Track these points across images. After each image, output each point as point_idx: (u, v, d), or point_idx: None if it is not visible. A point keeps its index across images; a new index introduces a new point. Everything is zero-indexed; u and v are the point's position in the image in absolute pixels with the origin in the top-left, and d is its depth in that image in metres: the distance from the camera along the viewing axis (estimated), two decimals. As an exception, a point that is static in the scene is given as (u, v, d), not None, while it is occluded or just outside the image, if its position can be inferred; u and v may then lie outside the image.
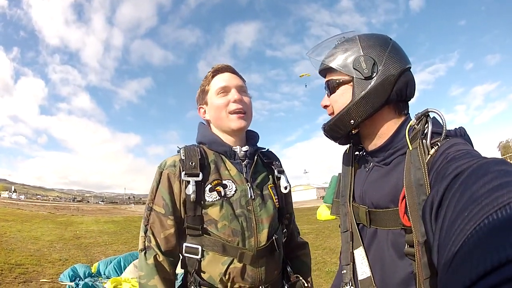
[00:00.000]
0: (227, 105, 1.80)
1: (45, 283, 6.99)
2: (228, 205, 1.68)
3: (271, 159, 2.02)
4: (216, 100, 1.82)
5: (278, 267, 1.83)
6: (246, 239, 1.67)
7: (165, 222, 1.66)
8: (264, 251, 1.69)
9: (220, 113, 1.81)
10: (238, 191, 1.74)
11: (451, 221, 0.66)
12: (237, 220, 1.67)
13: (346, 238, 1.53)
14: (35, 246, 11.79)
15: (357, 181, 1.57)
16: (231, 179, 1.76)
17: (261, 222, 1.73)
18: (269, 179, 1.93)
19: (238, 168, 1.81)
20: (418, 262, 1.13)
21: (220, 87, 1.82)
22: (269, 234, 1.73)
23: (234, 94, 1.81)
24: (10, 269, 7.77)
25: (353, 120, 1.37)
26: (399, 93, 1.34)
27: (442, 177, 0.92)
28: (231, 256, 1.63)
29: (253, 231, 1.69)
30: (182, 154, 1.73)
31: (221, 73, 1.88)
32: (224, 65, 1.91)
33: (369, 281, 1.36)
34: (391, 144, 1.38)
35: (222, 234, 1.64)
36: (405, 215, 1.18)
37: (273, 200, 1.86)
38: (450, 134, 1.21)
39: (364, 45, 1.37)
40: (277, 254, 1.79)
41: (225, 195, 1.70)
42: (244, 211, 1.70)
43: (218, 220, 1.65)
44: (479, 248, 0.52)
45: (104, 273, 7.57)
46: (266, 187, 1.88)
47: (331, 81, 1.44)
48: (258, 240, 1.69)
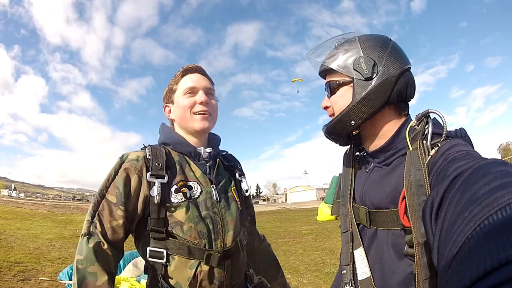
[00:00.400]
0: (193, 106, 1.81)
1: (44, 281, 6.99)
2: (194, 207, 1.67)
3: (232, 162, 2.04)
4: (183, 100, 1.82)
5: (243, 269, 1.86)
6: (212, 241, 1.66)
7: (115, 211, 1.60)
8: (230, 253, 1.70)
9: (185, 113, 1.81)
10: (204, 193, 1.73)
11: (451, 222, 0.67)
12: (203, 222, 1.66)
13: (346, 239, 1.53)
14: (34, 244, 11.78)
15: (358, 182, 1.57)
16: (196, 180, 1.76)
17: (227, 224, 1.74)
18: (231, 182, 1.94)
19: (202, 170, 1.82)
20: (417, 262, 1.13)
21: (188, 87, 1.83)
22: (234, 236, 1.74)
23: (201, 96, 1.82)
24: (9, 267, 7.77)
25: (353, 121, 1.37)
26: (399, 94, 1.34)
27: (442, 178, 0.93)
28: (197, 258, 1.62)
29: (219, 233, 1.69)
30: (148, 153, 1.70)
31: (191, 74, 1.88)
32: (195, 66, 1.92)
33: (369, 281, 1.36)
34: (392, 145, 1.38)
35: (188, 236, 1.62)
36: (405, 215, 1.18)
37: (237, 202, 1.87)
38: (451, 135, 1.22)
39: (364, 46, 1.37)
40: (242, 256, 1.82)
41: (191, 196, 1.69)
42: (210, 213, 1.70)
43: (184, 222, 1.63)
44: (479, 249, 0.52)
45: (103, 272, 7.49)
46: (230, 189, 1.89)
47: (331, 82, 1.44)
48: (224, 242, 1.70)
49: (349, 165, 1.65)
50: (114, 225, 1.59)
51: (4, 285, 6.46)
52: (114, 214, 1.59)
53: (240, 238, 1.81)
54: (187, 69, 1.89)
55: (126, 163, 1.66)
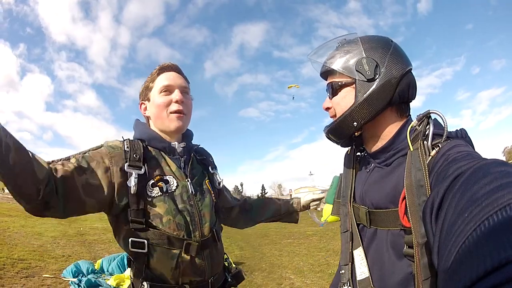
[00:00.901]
0: (169, 105, 1.83)
1: (47, 279, 7.00)
2: (170, 200, 1.71)
3: (204, 156, 2.10)
4: (159, 99, 1.84)
5: (221, 258, 1.96)
6: (191, 233, 1.72)
7: (67, 164, 1.52)
8: (207, 242, 1.78)
9: (161, 112, 1.83)
10: (180, 187, 1.77)
11: (451, 222, 0.67)
12: (181, 214, 1.71)
13: (346, 238, 1.54)
14: (38, 241, 11.80)
15: (358, 182, 1.58)
16: (172, 174, 1.80)
17: (204, 216, 1.81)
18: (204, 175, 2.01)
19: (177, 164, 1.86)
20: (417, 263, 1.14)
21: (164, 85, 1.85)
22: (210, 226, 1.82)
23: (176, 95, 1.84)
24: (13, 264, 7.78)
25: (356, 122, 1.38)
26: (401, 95, 1.35)
27: (443, 179, 0.94)
28: (177, 248, 1.66)
29: (197, 225, 1.76)
30: (126, 145, 1.71)
31: (167, 72, 1.90)
32: (171, 64, 1.94)
33: (368, 281, 1.37)
34: (393, 145, 1.39)
35: (167, 228, 1.66)
36: (405, 216, 1.19)
37: (211, 194, 1.94)
38: (451, 135, 1.23)
39: (366, 47, 1.38)
40: (219, 246, 1.91)
41: (167, 190, 1.72)
42: (186, 206, 1.75)
43: (163, 215, 1.66)
44: (479, 249, 0.52)
45: (107, 270, 7.58)
46: (204, 182, 1.95)
47: (333, 83, 1.45)
48: (202, 232, 1.77)
49: (350, 165, 1.66)
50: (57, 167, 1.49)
51: (8, 281, 6.45)
52: (66, 165, 1.52)
53: (216, 229, 1.89)
54: (163, 67, 1.91)
55: (103, 147, 1.69)
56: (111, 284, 6.42)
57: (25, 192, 1.36)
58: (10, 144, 1.26)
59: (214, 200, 1.97)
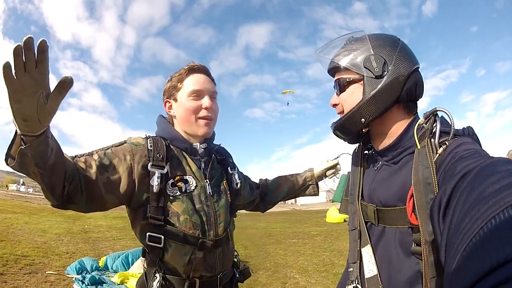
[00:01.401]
0: (198, 110, 1.84)
1: (51, 275, 7.02)
2: (188, 200, 1.75)
3: (224, 156, 2.12)
4: (188, 103, 1.84)
5: (232, 256, 2.01)
6: (206, 232, 1.77)
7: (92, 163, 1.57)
8: (221, 242, 1.84)
9: (190, 116, 1.84)
10: (198, 187, 1.81)
11: (458, 220, 0.67)
12: (197, 214, 1.75)
13: (354, 236, 1.55)
14: (42, 238, 11.86)
15: (366, 180, 1.58)
16: (192, 175, 1.83)
17: (219, 216, 1.85)
18: (223, 176, 2.04)
19: (197, 165, 1.88)
20: (425, 261, 1.15)
21: (194, 90, 1.84)
22: (224, 227, 1.87)
23: (206, 101, 1.84)
24: (16, 260, 7.81)
25: (363, 119, 1.38)
26: (409, 93, 1.36)
27: (450, 177, 0.94)
28: (192, 245, 1.72)
29: (212, 225, 1.81)
30: (150, 144, 1.75)
31: (197, 73, 1.90)
32: (200, 66, 1.93)
33: (376, 279, 1.37)
34: (400, 143, 1.40)
35: (183, 226, 1.71)
36: (412, 213, 1.20)
37: (227, 195, 1.98)
38: (458, 133, 1.23)
39: (374, 45, 1.38)
40: (231, 245, 1.96)
41: (186, 190, 1.76)
42: (203, 206, 1.80)
43: (180, 214, 1.71)
44: (486, 246, 0.53)
45: (112, 268, 7.63)
46: (222, 183, 1.98)
47: (341, 79, 1.46)
48: (217, 232, 1.82)
49: (357, 163, 1.66)
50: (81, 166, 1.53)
51: (11, 277, 6.46)
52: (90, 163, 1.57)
53: (230, 228, 1.96)
54: (192, 68, 1.90)
55: (126, 144, 1.73)
56: (115, 282, 6.48)
57: (55, 189, 1.40)
58: (54, 146, 1.31)
59: (230, 200, 2.00)
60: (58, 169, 1.35)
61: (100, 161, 1.59)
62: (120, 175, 1.63)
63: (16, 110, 1.13)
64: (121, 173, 1.64)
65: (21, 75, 1.06)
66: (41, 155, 1.25)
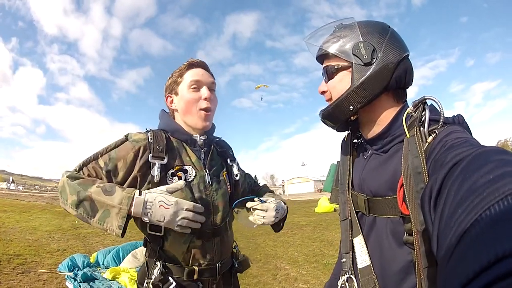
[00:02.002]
0: (198, 101, 1.92)
1: (43, 274, 6.98)
2: (187, 189, 1.81)
3: (224, 148, 2.18)
4: (188, 94, 1.92)
5: (230, 246, 2.07)
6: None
7: (99, 172, 1.74)
8: (219, 231, 1.90)
9: (191, 107, 1.92)
10: (197, 177, 1.88)
11: (451, 211, 0.66)
12: (196, 203, 1.74)
13: (345, 227, 1.54)
14: (33, 236, 11.76)
15: (356, 169, 1.57)
16: (192, 165, 1.90)
17: (218, 206, 1.92)
18: (223, 167, 2.10)
19: (197, 155, 1.95)
20: (417, 250, 1.14)
21: (193, 80, 1.92)
22: (223, 216, 1.93)
23: (205, 92, 1.92)
24: (9, 260, 7.75)
25: (352, 106, 1.37)
26: (398, 80, 1.33)
27: (441, 165, 0.93)
28: (190, 234, 1.75)
29: (210, 213, 1.87)
30: (150, 137, 1.82)
31: (196, 68, 1.97)
32: (199, 61, 2.01)
33: (369, 269, 1.37)
34: (389, 131, 1.38)
35: None
36: (403, 203, 1.18)
37: (227, 185, 2.05)
38: (448, 121, 1.22)
39: (363, 32, 1.36)
40: (229, 234, 2.03)
41: (185, 179, 1.83)
42: (202, 195, 1.86)
43: None
44: (481, 240, 0.52)
45: (103, 263, 7.56)
46: (221, 174, 2.05)
47: (329, 66, 1.43)
48: (214, 221, 1.89)
49: (347, 152, 1.65)
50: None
51: (4, 278, 6.42)
52: (99, 174, 1.74)
53: (228, 218, 2.01)
54: (192, 63, 1.98)
55: (128, 142, 1.80)
56: (107, 277, 6.43)
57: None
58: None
59: (230, 191, 2.07)
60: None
61: (107, 169, 1.73)
62: (126, 174, 1.76)
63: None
64: (126, 173, 1.75)
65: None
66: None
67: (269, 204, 1.95)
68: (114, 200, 1.56)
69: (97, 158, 1.76)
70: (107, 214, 1.57)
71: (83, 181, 1.64)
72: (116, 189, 1.60)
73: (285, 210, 2.10)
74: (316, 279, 7.02)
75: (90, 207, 1.58)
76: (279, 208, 1.99)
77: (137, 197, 1.57)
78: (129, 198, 1.55)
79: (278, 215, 1.99)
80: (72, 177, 1.66)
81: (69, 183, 1.63)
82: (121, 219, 1.54)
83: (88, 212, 1.59)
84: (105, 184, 1.62)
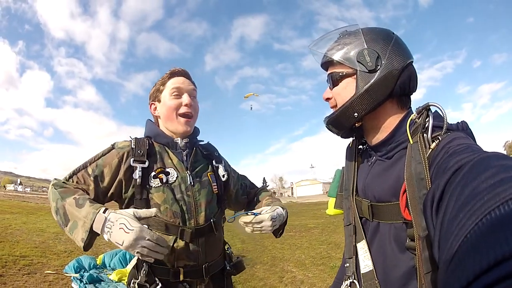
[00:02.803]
0: (178, 107, 2.03)
1: (49, 275, 7.01)
2: (169, 190, 1.90)
3: (210, 151, 2.27)
4: (169, 101, 2.03)
5: (218, 248, 2.09)
6: (186, 221, 1.90)
7: (87, 179, 1.85)
8: (203, 231, 1.93)
9: (171, 113, 2.03)
10: (179, 178, 1.96)
11: (452, 216, 0.66)
12: (177, 203, 1.89)
13: (349, 232, 1.55)
14: (40, 238, 11.82)
15: (360, 175, 1.58)
16: (173, 167, 1.99)
17: (200, 206, 1.96)
18: (208, 168, 2.16)
19: (179, 158, 2.04)
20: (418, 256, 1.14)
21: (174, 88, 2.04)
22: (206, 216, 1.97)
23: (186, 99, 2.04)
24: (15, 261, 7.80)
25: (356, 113, 1.38)
26: (402, 87, 1.35)
27: (443, 171, 0.94)
28: (173, 234, 1.85)
29: (193, 213, 1.92)
30: (133, 143, 1.95)
31: (177, 77, 2.10)
32: (181, 70, 2.13)
33: (371, 274, 1.37)
34: (393, 138, 1.39)
35: (164, 216, 1.85)
36: (406, 209, 1.19)
37: (211, 186, 2.09)
38: (452, 128, 1.22)
39: (367, 39, 1.37)
40: (217, 236, 2.04)
41: (167, 181, 1.92)
42: (183, 196, 1.93)
43: (160, 204, 1.86)
44: (482, 243, 0.52)
45: (109, 265, 7.62)
46: (205, 174, 2.11)
47: (334, 73, 1.45)
48: (197, 221, 1.93)
49: (351, 158, 1.66)
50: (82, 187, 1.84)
51: (10, 279, 6.46)
52: (87, 181, 1.85)
53: (214, 219, 2.01)
54: (173, 72, 2.11)
55: (114, 150, 1.93)
56: (113, 279, 6.47)
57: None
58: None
59: (216, 191, 2.10)
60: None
61: (94, 175, 1.84)
62: (112, 180, 1.86)
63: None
64: (112, 178, 1.86)
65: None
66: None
67: (263, 216, 1.92)
68: (81, 213, 1.62)
69: (86, 166, 1.88)
70: (75, 225, 1.63)
71: (65, 191, 1.75)
72: (87, 203, 1.66)
73: (284, 216, 2.08)
74: (323, 282, 7.02)
75: (64, 216, 1.67)
76: (275, 217, 1.96)
77: (100, 214, 1.59)
78: (94, 214, 1.59)
79: (276, 223, 1.96)
80: (57, 185, 1.79)
81: (53, 191, 1.75)
82: (84, 233, 1.59)
83: (63, 220, 1.69)
84: (80, 197, 1.70)
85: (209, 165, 2.19)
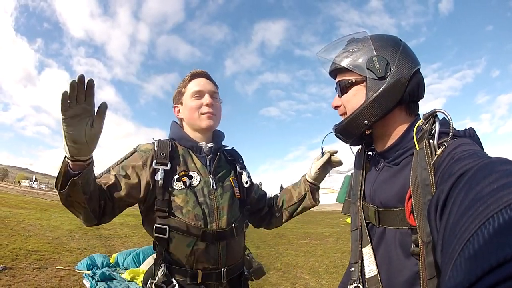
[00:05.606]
0: (200, 108, 2.07)
1: (60, 270, 7.08)
2: (192, 194, 1.92)
3: (234, 157, 2.30)
4: (191, 103, 2.08)
5: (239, 252, 2.10)
6: (208, 224, 1.91)
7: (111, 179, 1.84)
8: (224, 235, 1.95)
9: (193, 114, 2.07)
10: (202, 182, 1.98)
11: (455, 220, 0.67)
12: (200, 206, 1.91)
13: (355, 236, 1.56)
14: (53, 234, 11.96)
15: (368, 181, 1.60)
16: (197, 171, 2.01)
17: (222, 209, 1.98)
18: (231, 173, 2.19)
19: (202, 162, 2.07)
20: (422, 261, 1.15)
21: (195, 91, 2.09)
22: (228, 220, 1.99)
23: (207, 99, 2.08)
24: (26, 255, 7.91)
25: (367, 121, 1.39)
26: (411, 94, 1.36)
27: (448, 177, 0.94)
28: (194, 236, 1.86)
29: (215, 217, 1.94)
30: (156, 145, 1.99)
31: (198, 78, 2.15)
32: (201, 71, 2.18)
33: (376, 279, 1.38)
34: (401, 144, 1.40)
35: (186, 218, 1.87)
36: (411, 214, 1.20)
37: (234, 191, 2.11)
38: (458, 134, 1.23)
39: (376, 46, 1.38)
40: (238, 240, 2.06)
41: (190, 184, 1.94)
42: (206, 199, 1.95)
43: (183, 206, 1.88)
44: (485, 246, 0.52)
45: (123, 264, 7.74)
46: (228, 179, 2.13)
47: (343, 81, 1.46)
48: (219, 224, 1.94)
49: (360, 164, 1.67)
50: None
51: (19, 272, 6.53)
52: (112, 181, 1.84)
53: (237, 224, 2.02)
54: (194, 74, 2.16)
55: (136, 152, 1.98)
56: (126, 278, 6.56)
57: (96, 210, 1.74)
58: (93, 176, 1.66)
59: (238, 196, 2.12)
60: (96, 194, 1.69)
61: (117, 175, 1.85)
62: (136, 181, 1.87)
63: (68, 134, 1.45)
64: (136, 180, 1.87)
65: (74, 104, 1.41)
66: (88, 182, 1.59)
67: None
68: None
69: (109, 171, 1.91)
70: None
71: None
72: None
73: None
74: (335, 290, 6.91)
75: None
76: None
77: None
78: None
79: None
80: None
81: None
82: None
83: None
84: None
85: (232, 170, 2.21)
